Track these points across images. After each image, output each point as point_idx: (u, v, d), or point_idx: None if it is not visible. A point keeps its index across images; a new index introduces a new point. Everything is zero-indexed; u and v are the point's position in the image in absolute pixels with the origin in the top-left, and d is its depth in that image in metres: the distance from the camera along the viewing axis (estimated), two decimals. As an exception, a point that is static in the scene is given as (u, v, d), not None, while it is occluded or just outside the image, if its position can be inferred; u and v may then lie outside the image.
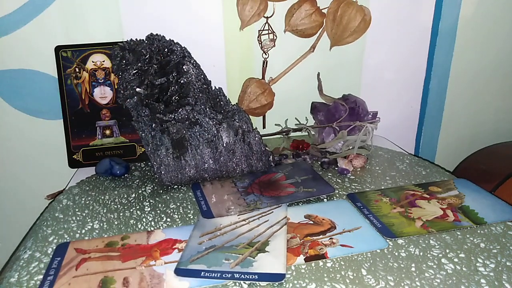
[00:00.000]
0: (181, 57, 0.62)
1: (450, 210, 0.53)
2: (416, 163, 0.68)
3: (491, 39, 0.89)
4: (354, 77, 0.85)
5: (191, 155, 0.60)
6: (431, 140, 0.95)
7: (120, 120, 0.71)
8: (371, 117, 0.74)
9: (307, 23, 0.73)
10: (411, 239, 0.47)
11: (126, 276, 0.42)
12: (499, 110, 0.97)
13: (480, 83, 0.92)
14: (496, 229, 0.49)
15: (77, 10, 0.70)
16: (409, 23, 0.83)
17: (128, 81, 0.61)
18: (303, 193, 0.57)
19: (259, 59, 0.78)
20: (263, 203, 0.55)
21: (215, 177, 0.63)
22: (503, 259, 0.43)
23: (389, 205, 0.54)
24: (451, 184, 0.60)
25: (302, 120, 0.84)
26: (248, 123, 0.64)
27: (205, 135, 0.60)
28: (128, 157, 0.71)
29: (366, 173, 0.65)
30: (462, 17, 0.84)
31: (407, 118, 0.92)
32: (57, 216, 0.55)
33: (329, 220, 0.51)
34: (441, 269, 0.42)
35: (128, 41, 0.64)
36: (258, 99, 0.75)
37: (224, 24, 0.76)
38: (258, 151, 0.64)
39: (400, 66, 0.86)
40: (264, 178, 0.62)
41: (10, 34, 0.70)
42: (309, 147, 0.74)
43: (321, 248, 0.45)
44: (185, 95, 0.60)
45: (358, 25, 0.71)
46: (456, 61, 0.88)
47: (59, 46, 0.69)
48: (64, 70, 0.69)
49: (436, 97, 0.90)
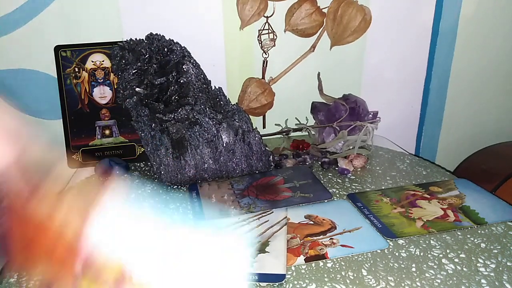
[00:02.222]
0: (181, 57, 0.62)
1: (450, 210, 0.53)
2: (417, 163, 0.68)
3: (491, 38, 0.89)
4: (354, 77, 0.85)
5: (191, 155, 0.60)
6: (431, 140, 0.94)
7: (119, 120, 0.71)
8: (371, 117, 0.74)
9: (307, 22, 0.73)
10: (412, 239, 0.47)
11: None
12: (499, 109, 0.96)
13: (480, 83, 0.92)
14: (497, 229, 0.49)
15: (77, 10, 0.70)
16: (409, 23, 0.83)
17: (127, 80, 0.61)
18: (299, 198, 0.56)
19: (259, 59, 0.78)
20: (257, 207, 0.54)
21: (215, 177, 0.63)
22: (504, 259, 0.43)
23: (390, 205, 0.54)
24: (452, 184, 0.60)
25: (302, 120, 0.84)
26: (248, 123, 0.63)
27: (205, 135, 0.60)
28: (127, 157, 0.71)
29: (367, 173, 0.65)
30: (463, 17, 0.84)
31: (408, 118, 0.92)
32: (56, 216, 0.55)
33: (329, 220, 0.51)
34: (442, 269, 0.42)
35: (128, 40, 0.64)
36: (258, 99, 0.75)
37: (224, 24, 0.76)
38: (258, 151, 0.64)
39: (401, 65, 0.86)
40: (262, 181, 0.62)
41: (9, 34, 0.69)
42: (309, 147, 0.74)
43: (321, 249, 0.45)
44: (185, 95, 0.60)
45: (359, 25, 0.70)
46: (457, 60, 0.88)
47: (59, 45, 0.68)
48: (64, 70, 0.69)
49: (436, 97, 0.90)
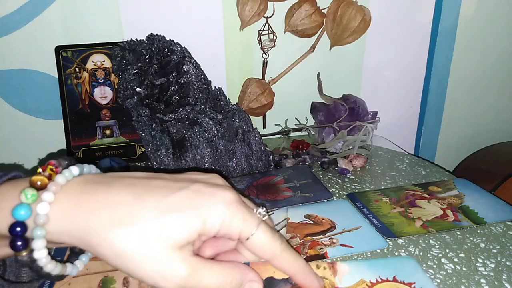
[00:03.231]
0: (181, 57, 0.62)
1: (450, 210, 0.53)
2: (416, 163, 0.68)
3: (491, 39, 0.89)
4: (354, 77, 0.85)
5: (191, 155, 0.60)
6: (431, 140, 0.95)
7: (120, 120, 0.71)
8: (371, 117, 0.74)
9: (307, 23, 0.73)
10: (411, 239, 0.47)
11: (126, 275, 0.42)
12: (499, 110, 0.97)
13: (480, 83, 0.92)
14: (496, 229, 0.49)
15: (78, 10, 0.70)
16: (409, 23, 0.83)
17: (128, 81, 0.61)
18: (300, 198, 0.57)
19: (259, 59, 0.78)
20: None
21: (215, 177, 0.63)
22: (503, 259, 0.43)
23: (389, 205, 0.54)
24: (451, 184, 0.60)
25: (302, 120, 0.84)
26: (248, 123, 0.64)
27: (205, 135, 0.60)
28: (128, 157, 0.71)
29: (366, 173, 0.65)
30: (462, 17, 0.84)
31: (407, 118, 0.92)
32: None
33: (329, 220, 0.51)
34: (441, 269, 0.42)
35: (128, 41, 0.64)
36: (258, 99, 0.76)
37: (224, 24, 0.76)
38: (258, 151, 0.64)
39: (400, 66, 0.86)
40: (262, 181, 0.62)
41: (10, 34, 0.70)
42: (309, 147, 0.74)
43: (321, 248, 0.45)
44: (185, 95, 0.60)
45: (358, 25, 0.71)
46: (456, 61, 0.88)
47: (59, 46, 0.69)
48: (64, 70, 0.69)
49: (436, 97, 0.90)
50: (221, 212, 0.31)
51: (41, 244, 0.30)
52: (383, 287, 0.39)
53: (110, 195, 0.31)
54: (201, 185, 0.32)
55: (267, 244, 0.32)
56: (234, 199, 0.32)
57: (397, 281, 0.39)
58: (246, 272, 0.33)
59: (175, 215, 0.30)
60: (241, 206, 0.32)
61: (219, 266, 0.32)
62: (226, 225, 0.31)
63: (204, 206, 0.31)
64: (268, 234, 0.33)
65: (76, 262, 0.35)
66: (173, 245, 0.29)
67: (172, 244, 0.29)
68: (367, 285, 0.39)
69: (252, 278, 0.33)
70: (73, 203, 0.30)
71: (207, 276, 0.30)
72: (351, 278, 0.40)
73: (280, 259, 0.33)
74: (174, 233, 0.29)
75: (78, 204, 0.30)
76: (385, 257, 0.44)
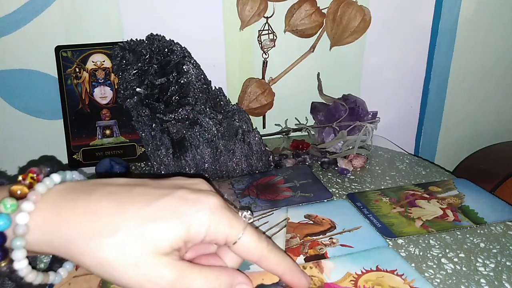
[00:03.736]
0: (181, 57, 0.62)
1: (450, 210, 0.53)
2: (416, 163, 0.68)
3: (491, 39, 0.89)
4: (354, 77, 0.85)
5: (191, 155, 0.60)
6: (431, 140, 0.95)
7: (120, 120, 0.71)
8: (371, 117, 0.74)
9: (307, 23, 0.73)
10: (411, 239, 0.47)
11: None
12: (499, 109, 0.97)
13: (479, 83, 0.92)
14: (496, 229, 0.49)
15: (77, 10, 0.70)
16: (409, 23, 0.83)
17: (128, 81, 0.61)
18: (300, 198, 0.57)
19: (259, 59, 0.78)
20: (258, 206, 0.55)
21: (215, 177, 0.63)
22: (503, 259, 0.43)
23: (389, 205, 0.54)
24: (451, 184, 0.60)
25: (302, 120, 0.84)
26: (248, 123, 0.64)
27: (205, 135, 0.60)
28: (128, 157, 0.71)
29: (366, 173, 0.65)
30: (462, 17, 0.84)
31: (407, 118, 0.92)
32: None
33: (329, 220, 0.51)
34: (441, 269, 0.42)
35: (128, 41, 0.64)
36: (258, 99, 0.76)
37: (224, 24, 0.76)
38: (258, 151, 0.64)
39: (400, 66, 0.86)
40: (262, 181, 0.62)
41: (10, 34, 0.70)
42: (309, 147, 0.74)
43: (321, 248, 0.45)
44: (185, 95, 0.60)
45: (358, 25, 0.71)
46: (456, 61, 0.88)
47: (59, 46, 0.69)
48: (64, 70, 0.69)
49: (436, 97, 0.90)
50: (205, 218, 0.31)
51: (21, 255, 0.29)
52: (369, 277, 0.40)
53: (91, 203, 0.30)
54: (185, 192, 0.32)
55: (254, 247, 0.33)
56: (219, 205, 0.32)
57: (380, 269, 0.41)
58: (235, 275, 0.33)
59: (158, 223, 0.30)
60: (226, 211, 0.32)
61: (208, 270, 0.32)
62: (212, 231, 0.31)
63: (188, 213, 0.31)
64: (255, 237, 0.33)
65: (59, 270, 0.35)
66: (157, 251, 0.29)
67: (155, 251, 0.29)
68: (354, 277, 0.40)
69: (241, 281, 0.33)
70: (54, 212, 0.30)
71: (197, 281, 0.30)
72: (337, 273, 0.41)
73: (267, 260, 0.33)
74: (157, 240, 0.29)
75: (58, 213, 0.30)
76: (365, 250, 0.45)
